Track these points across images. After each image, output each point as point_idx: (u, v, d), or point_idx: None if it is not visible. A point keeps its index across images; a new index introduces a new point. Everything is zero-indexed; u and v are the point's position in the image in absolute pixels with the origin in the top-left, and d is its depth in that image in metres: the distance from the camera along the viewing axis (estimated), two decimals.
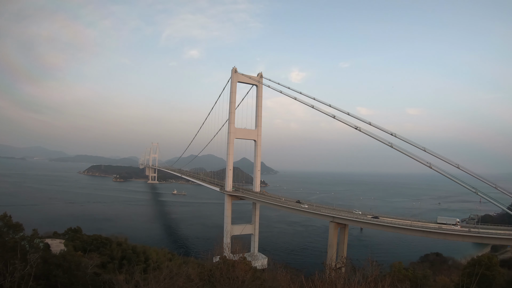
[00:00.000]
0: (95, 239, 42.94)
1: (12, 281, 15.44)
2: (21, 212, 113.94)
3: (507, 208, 43.36)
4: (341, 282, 14.98)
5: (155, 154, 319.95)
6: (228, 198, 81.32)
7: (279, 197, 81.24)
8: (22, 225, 24.53)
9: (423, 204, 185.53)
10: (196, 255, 72.00)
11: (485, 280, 28.45)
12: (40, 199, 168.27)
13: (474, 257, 38.53)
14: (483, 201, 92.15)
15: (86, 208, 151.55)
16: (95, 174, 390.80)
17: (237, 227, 79.53)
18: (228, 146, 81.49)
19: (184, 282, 17.99)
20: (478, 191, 40.27)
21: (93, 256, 29.61)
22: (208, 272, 21.95)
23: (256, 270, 28.05)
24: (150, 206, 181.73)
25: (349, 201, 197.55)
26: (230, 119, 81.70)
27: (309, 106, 61.66)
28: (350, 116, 54.79)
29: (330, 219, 58.60)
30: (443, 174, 42.96)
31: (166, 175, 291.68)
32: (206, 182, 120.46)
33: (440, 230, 46.58)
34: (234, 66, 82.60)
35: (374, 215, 58.90)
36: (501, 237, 43.19)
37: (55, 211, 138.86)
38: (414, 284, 28.70)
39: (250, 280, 19.31)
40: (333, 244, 57.10)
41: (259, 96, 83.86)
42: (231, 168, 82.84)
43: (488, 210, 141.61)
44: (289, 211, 74.20)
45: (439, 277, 40.55)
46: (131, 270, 20.31)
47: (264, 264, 67.92)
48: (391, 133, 48.07)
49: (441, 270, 54.28)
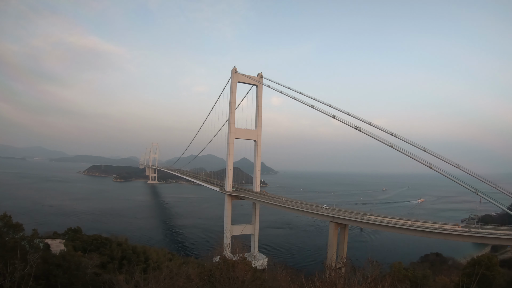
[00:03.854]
0: (95, 239, 42.87)
1: (12, 281, 15.42)
2: (21, 212, 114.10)
3: (507, 208, 43.28)
4: (341, 282, 14.97)
5: (155, 154, 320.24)
6: (228, 198, 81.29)
7: (279, 197, 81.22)
8: (22, 225, 24.53)
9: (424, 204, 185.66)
10: (196, 255, 72.23)
11: (485, 280, 28.43)
12: (40, 199, 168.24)
13: (474, 257, 38.48)
14: (483, 201, 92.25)
15: (86, 208, 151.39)
16: (95, 174, 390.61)
17: (237, 227, 79.47)
18: (228, 146, 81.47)
19: (184, 282, 18.00)
20: (478, 191, 40.17)
21: (93, 256, 29.54)
22: (208, 272, 21.95)
23: (256, 270, 28.01)
24: (150, 206, 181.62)
25: (348, 201, 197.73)
26: (230, 119, 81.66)
27: (309, 106, 61.62)
28: (350, 116, 54.72)
29: (330, 219, 58.53)
30: (443, 174, 42.90)
31: (166, 175, 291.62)
32: (206, 182, 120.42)
33: (440, 230, 46.51)
34: (234, 66, 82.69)
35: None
36: (501, 237, 43.12)
37: (55, 211, 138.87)
38: (414, 284, 28.68)
39: (250, 280, 19.29)
40: (333, 244, 57.04)
41: (259, 96, 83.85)
42: (231, 168, 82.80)
43: (488, 210, 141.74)
44: (289, 211, 74.14)
45: (439, 277, 40.50)
46: (131, 270, 20.30)
47: (264, 264, 67.96)
48: (391, 133, 47.99)
49: (441, 270, 54.32)
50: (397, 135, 47.41)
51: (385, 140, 48.03)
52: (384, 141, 48.03)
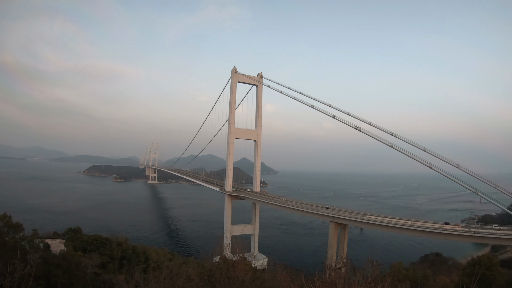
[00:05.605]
0: (95, 239, 42.90)
1: (12, 281, 15.43)
2: (20, 212, 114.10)
3: (507, 208, 43.27)
4: (341, 282, 14.96)
5: (155, 154, 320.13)
6: (228, 198, 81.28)
7: (279, 197, 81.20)
8: (22, 225, 24.54)
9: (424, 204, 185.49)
10: (196, 255, 72.23)
11: (485, 280, 28.41)
12: (39, 199, 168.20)
13: (474, 257, 38.48)
14: (483, 201, 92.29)
15: (85, 208, 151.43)
16: (95, 174, 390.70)
17: (237, 227, 79.47)
18: (228, 146, 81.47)
19: (184, 282, 18.00)
20: (478, 191, 40.13)
21: (93, 256, 29.57)
22: (208, 272, 21.96)
23: (256, 270, 28.01)
24: (150, 206, 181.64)
25: (347, 201, 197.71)
26: (230, 119, 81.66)
27: (309, 106, 61.57)
28: (350, 116, 54.69)
29: (330, 219, 58.49)
30: (443, 174, 42.88)
31: (166, 175, 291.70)
32: (206, 182, 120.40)
33: (440, 230, 46.47)
34: (234, 66, 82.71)
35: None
36: (501, 237, 43.08)
37: (54, 211, 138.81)
38: (414, 284, 28.68)
39: (250, 280, 19.30)
40: (333, 244, 56.99)
41: (259, 96, 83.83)
42: (231, 168, 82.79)
43: (488, 210, 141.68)
44: (289, 211, 74.10)
45: (439, 277, 40.52)
46: (131, 270, 20.34)
47: (264, 264, 67.86)
48: (391, 133, 47.96)
49: (441, 270, 54.29)
50: (397, 135, 47.38)
51: (385, 140, 48.03)
52: (384, 141, 48.02)
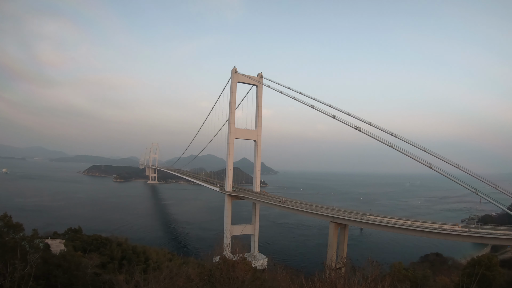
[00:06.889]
0: (95, 239, 42.94)
1: (12, 281, 15.43)
2: (20, 212, 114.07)
3: (507, 208, 43.27)
4: (341, 282, 14.95)
5: (155, 154, 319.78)
6: (228, 198, 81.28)
7: (279, 197, 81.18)
8: (22, 225, 24.55)
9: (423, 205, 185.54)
10: (196, 255, 72.04)
11: (485, 280, 28.40)
12: (39, 200, 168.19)
13: (474, 257, 38.44)
14: (483, 201, 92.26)
15: (85, 208, 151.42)
16: (95, 174, 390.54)
17: (237, 227, 79.44)
18: (228, 146, 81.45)
19: (184, 282, 18.01)
20: (478, 191, 40.13)
21: (93, 256, 29.63)
22: (208, 272, 21.97)
23: (256, 270, 28.03)
24: (150, 206, 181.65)
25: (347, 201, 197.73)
26: (230, 119, 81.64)
27: (309, 106, 61.55)
28: (350, 116, 54.66)
29: (330, 219, 58.47)
30: (443, 174, 42.87)
31: (166, 175, 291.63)
32: (206, 182, 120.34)
33: (440, 230, 46.43)
34: (234, 66, 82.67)
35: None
36: (501, 237, 43.06)
37: (54, 211, 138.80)
38: (414, 284, 28.70)
39: (250, 280, 19.31)
40: (333, 244, 56.97)
41: (259, 96, 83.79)
42: (231, 168, 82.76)
43: (488, 210, 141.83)
44: (289, 211, 74.09)
45: (439, 277, 40.52)
46: (131, 270, 20.34)
47: (264, 264, 67.89)
48: (391, 133, 47.94)
49: (441, 270, 54.30)
50: (397, 135, 47.37)
51: (385, 140, 48.01)
52: (384, 141, 48.01)
